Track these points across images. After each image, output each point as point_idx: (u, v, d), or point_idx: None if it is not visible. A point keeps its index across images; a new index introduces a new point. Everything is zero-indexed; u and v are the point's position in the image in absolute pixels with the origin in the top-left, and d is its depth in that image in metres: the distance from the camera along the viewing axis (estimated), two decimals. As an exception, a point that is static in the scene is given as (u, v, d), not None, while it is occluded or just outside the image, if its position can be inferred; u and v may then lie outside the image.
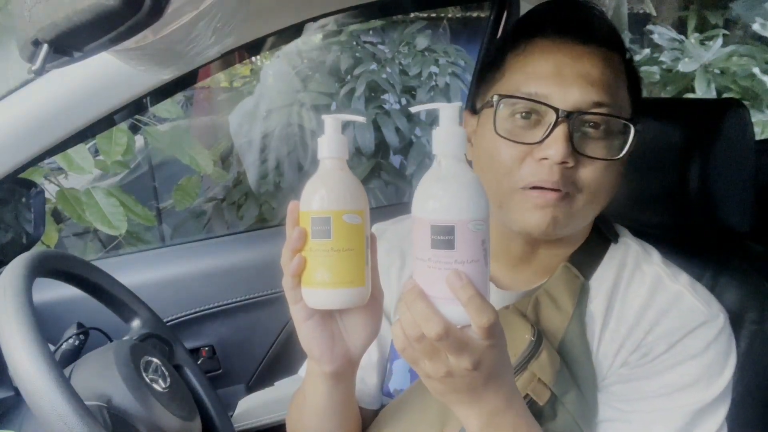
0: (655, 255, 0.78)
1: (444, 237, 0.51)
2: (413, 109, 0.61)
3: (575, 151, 0.66)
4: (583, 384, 0.72)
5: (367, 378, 0.84)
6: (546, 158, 0.66)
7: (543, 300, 0.75)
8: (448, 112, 0.54)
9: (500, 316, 0.73)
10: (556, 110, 0.66)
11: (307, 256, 0.59)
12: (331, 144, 0.60)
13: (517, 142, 0.68)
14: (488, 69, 0.76)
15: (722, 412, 0.70)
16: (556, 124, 0.66)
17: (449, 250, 0.51)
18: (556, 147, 0.65)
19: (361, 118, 0.64)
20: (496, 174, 0.70)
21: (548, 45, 0.69)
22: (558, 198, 0.67)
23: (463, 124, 0.81)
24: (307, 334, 0.64)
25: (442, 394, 0.58)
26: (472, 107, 0.78)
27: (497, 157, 0.70)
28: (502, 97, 0.70)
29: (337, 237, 0.58)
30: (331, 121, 0.60)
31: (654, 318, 0.72)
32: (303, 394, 0.75)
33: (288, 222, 0.61)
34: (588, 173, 0.67)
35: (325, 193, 0.59)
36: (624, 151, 0.68)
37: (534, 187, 0.68)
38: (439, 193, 0.52)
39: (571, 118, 0.66)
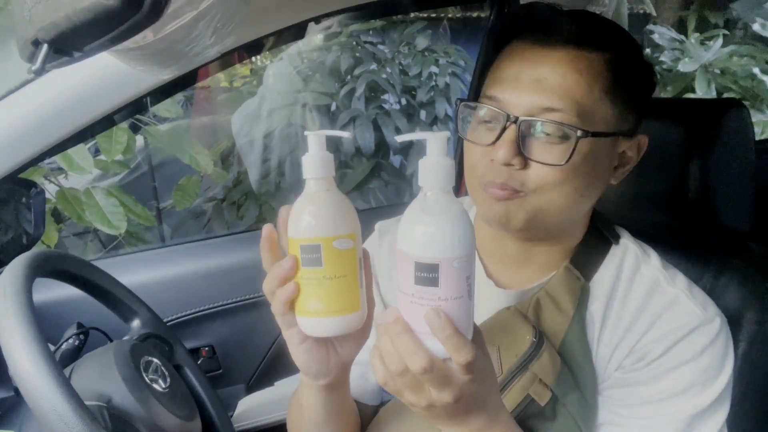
0: (653, 257, 0.77)
1: (428, 274, 0.50)
2: (399, 138, 0.57)
3: (521, 154, 0.68)
4: (584, 386, 0.72)
5: (368, 374, 0.84)
6: (494, 159, 0.68)
7: (544, 301, 0.75)
8: (436, 142, 0.52)
9: (501, 318, 0.75)
10: (506, 115, 0.68)
11: (298, 283, 0.57)
12: (314, 163, 0.57)
13: (476, 144, 0.71)
14: (482, 74, 0.80)
15: (721, 416, 0.70)
16: (504, 128, 0.68)
17: (433, 288, 0.50)
18: (502, 149, 0.67)
19: (346, 134, 0.62)
20: (467, 174, 0.74)
21: (517, 49, 0.71)
22: (507, 195, 0.69)
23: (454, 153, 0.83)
24: (302, 357, 0.64)
25: (425, 418, 0.59)
26: None
27: (467, 157, 0.74)
28: (460, 102, 0.75)
29: (328, 265, 0.56)
30: (314, 139, 0.57)
31: (649, 321, 0.72)
32: (299, 403, 0.75)
33: (264, 247, 0.59)
34: (534, 175, 0.68)
35: (313, 219, 0.56)
36: (567, 158, 0.66)
37: (489, 185, 0.70)
38: (424, 229, 0.51)
39: (518, 122, 0.67)
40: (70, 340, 0.99)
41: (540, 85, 0.67)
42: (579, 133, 0.67)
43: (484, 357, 0.55)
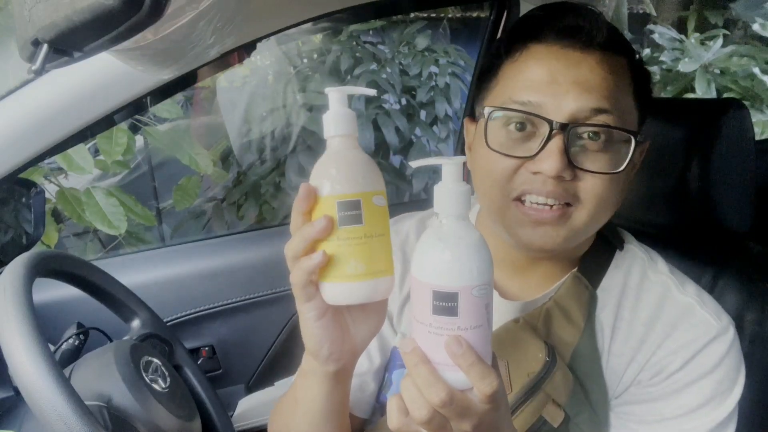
0: (660, 263, 0.76)
1: (446, 303, 0.48)
2: (414, 164, 0.53)
3: (571, 164, 0.63)
4: (595, 401, 0.70)
5: (365, 386, 0.81)
6: (540, 172, 0.63)
7: (554, 312, 0.72)
8: (451, 169, 0.50)
9: (510, 331, 0.72)
10: (550, 122, 0.63)
11: (330, 247, 0.52)
12: (339, 120, 0.54)
13: (511, 156, 0.65)
14: (485, 75, 0.73)
15: (733, 425, 0.70)
16: (549, 137, 0.63)
17: (452, 317, 0.48)
18: (549, 161, 0.62)
19: (371, 91, 0.57)
20: (490, 186, 0.68)
21: (543, 51, 0.66)
22: (555, 216, 0.64)
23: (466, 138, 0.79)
24: (318, 334, 0.58)
25: None
26: (472, 113, 0.76)
27: (491, 169, 0.67)
28: (493, 108, 0.67)
29: (369, 221, 0.52)
30: (336, 95, 0.54)
31: (664, 332, 0.70)
32: (293, 399, 0.71)
33: (300, 207, 0.53)
34: (588, 187, 0.64)
35: (349, 174, 0.52)
36: (625, 164, 0.65)
37: (529, 201, 0.65)
38: (441, 257, 0.49)
39: (567, 129, 0.63)
40: (70, 340, 0.99)
41: (583, 87, 0.63)
42: (640, 137, 0.65)
43: (502, 384, 0.53)
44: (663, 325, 0.70)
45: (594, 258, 0.75)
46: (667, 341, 0.70)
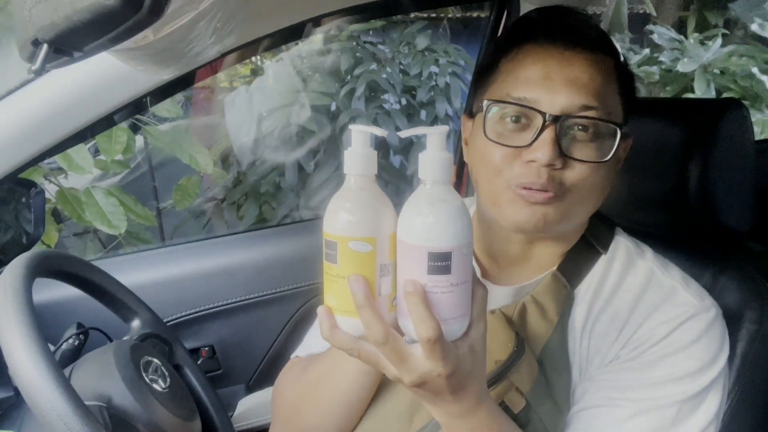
0: (648, 251, 0.79)
1: (442, 263, 0.53)
2: (402, 134, 0.58)
3: (563, 154, 0.69)
4: (558, 394, 0.73)
5: None
6: (534, 160, 0.68)
7: (530, 307, 0.76)
8: (435, 138, 0.55)
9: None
10: (543, 114, 0.68)
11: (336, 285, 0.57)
12: (354, 160, 0.56)
13: (507, 146, 0.71)
14: (483, 74, 0.79)
15: (712, 406, 0.70)
16: (543, 128, 0.68)
17: (446, 275, 0.53)
18: (543, 150, 0.67)
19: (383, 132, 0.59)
20: (488, 173, 0.73)
21: (538, 51, 0.72)
22: (548, 197, 0.69)
23: (461, 128, 0.83)
24: None
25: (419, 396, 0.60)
26: (469, 111, 0.81)
27: (489, 158, 0.72)
28: (492, 102, 0.73)
29: (342, 264, 0.55)
30: (356, 135, 0.56)
31: (646, 312, 0.73)
32: (318, 374, 0.77)
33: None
34: (575, 175, 0.70)
35: (333, 215, 0.55)
36: (611, 154, 0.70)
37: (524, 187, 0.70)
38: (434, 220, 0.53)
39: (558, 121, 0.68)
40: (70, 340, 0.99)
41: (574, 84, 0.69)
42: (625, 129, 0.71)
43: (481, 339, 0.57)
44: (646, 306, 0.74)
45: (575, 258, 0.79)
46: (648, 321, 0.73)
